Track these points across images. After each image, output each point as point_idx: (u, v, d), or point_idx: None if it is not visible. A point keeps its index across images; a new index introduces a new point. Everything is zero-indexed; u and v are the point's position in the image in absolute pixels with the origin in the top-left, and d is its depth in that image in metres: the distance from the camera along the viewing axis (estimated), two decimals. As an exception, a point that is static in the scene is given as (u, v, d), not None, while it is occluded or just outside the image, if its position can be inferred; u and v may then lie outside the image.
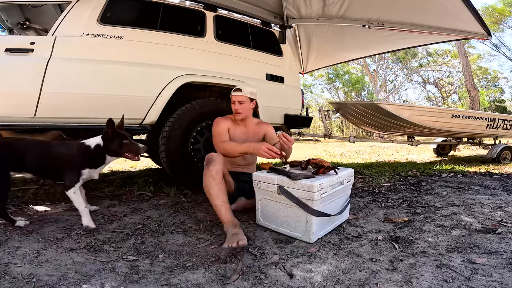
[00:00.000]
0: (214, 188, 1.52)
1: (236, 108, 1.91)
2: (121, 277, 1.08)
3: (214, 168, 1.54)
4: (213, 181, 1.52)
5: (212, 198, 1.53)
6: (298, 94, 3.07)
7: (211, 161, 1.58)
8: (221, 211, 1.50)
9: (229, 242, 1.35)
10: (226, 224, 1.47)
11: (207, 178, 1.54)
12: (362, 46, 4.40)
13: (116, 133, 1.63)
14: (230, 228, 1.44)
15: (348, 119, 4.85)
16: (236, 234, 1.39)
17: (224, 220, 1.49)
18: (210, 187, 1.52)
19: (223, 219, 1.50)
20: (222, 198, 1.52)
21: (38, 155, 1.58)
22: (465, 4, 2.66)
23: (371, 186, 2.66)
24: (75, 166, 1.59)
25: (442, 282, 1.04)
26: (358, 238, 1.46)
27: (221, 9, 2.76)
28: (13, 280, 1.04)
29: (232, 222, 1.47)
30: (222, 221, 1.51)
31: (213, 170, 1.54)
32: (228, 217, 1.49)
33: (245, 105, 1.92)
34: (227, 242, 1.36)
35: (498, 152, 4.54)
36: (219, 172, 1.55)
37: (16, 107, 1.89)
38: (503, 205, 1.99)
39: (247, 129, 1.99)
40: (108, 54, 2.12)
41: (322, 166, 1.53)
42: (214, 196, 1.52)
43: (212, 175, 1.53)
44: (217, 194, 1.52)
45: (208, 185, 1.53)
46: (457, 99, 23.32)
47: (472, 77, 11.77)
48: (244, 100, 1.92)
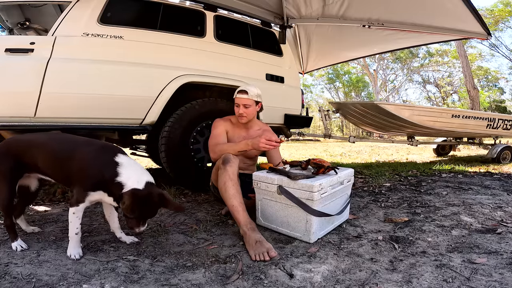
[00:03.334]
0: (232, 189, 1.48)
1: (240, 112, 1.81)
2: (121, 277, 1.08)
3: (231, 169, 1.52)
4: (231, 181, 1.49)
5: (229, 198, 1.48)
6: (298, 94, 3.07)
7: (228, 161, 1.54)
8: (239, 212, 1.44)
9: (257, 253, 1.24)
10: (244, 226, 1.40)
11: (224, 178, 1.51)
12: (362, 46, 4.40)
13: None
14: (250, 231, 1.36)
15: (348, 119, 4.86)
16: (260, 243, 1.28)
17: (242, 221, 1.42)
18: (228, 187, 1.49)
19: (240, 220, 1.43)
20: (239, 199, 1.48)
21: None
22: (465, 4, 2.66)
23: (371, 186, 2.66)
24: None
25: (442, 282, 1.04)
26: (358, 238, 1.46)
27: (221, 9, 2.76)
28: (13, 280, 1.04)
29: (250, 224, 1.41)
30: (238, 222, 1.44)
31: (230, 170, 1.51)
32: (246, 218, 1.43)
33: (250, 109, 1.82)
34: (254, 252, 1.25)
35: (498, 152, 4.53)
36: (235, 173, 1.53)
37: (16, 107, 1.89)
38: (503, 205, 1.99)
39: (248, 134, 1.91)
40: (108, 54, 2.12)
41: (322, 166, 1.53)
42: (231, 196, 1.48)
43: (229, 175, 1.50)
44: (234, 194, 1.48)
45: (225, 185, 1.49)
46: (457, 99, 23.34)
47: (472, 77, 11.77)
48: (250, 103, 1.81)
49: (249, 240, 1.32)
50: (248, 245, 1.31)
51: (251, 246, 1.29)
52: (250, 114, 1.84)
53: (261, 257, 1.22)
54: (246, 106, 1.81)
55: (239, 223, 1.44)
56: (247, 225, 1.40)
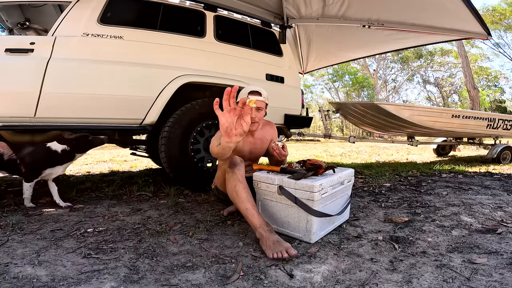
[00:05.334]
0: (243, 192, 1.44)
1: (253, 116, 1.65)
2: (121, 277, 1.08)
3: (239, 172, 1.49)
4: (241, 184, 1.46)
5: (242, 201, 1.43)
6: (298, 94, 3.07)
7: (236, 165, 1.50)
8: (254, 215, 1.39)
9: (275, 251, 1.20)
10: (260, 228, 1.34)
11: (233, 182, 1.47)
12: (362, 46, 4.40)
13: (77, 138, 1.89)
14: (267, 233, 1.30)
15: (348, 119, 4.86)
16: (279, 242, 1.25)
17: (257, 224, 1.35)
18: (239, 190, 1.45)
19: (256, 222, 1.36)
20: (252, 201, 1.44)
21: None
22: (465, 4, 2.66)
23: (371, 186, 2.65)
24: None
25: (442, 282, 1.04)
26: (358, 238, 1.46)
27: (221, 9, 2.76)
28: (13, 280, 1.04)
29: (267, 226, 1.35)
30: (254, 224, 1.37)
31: (238, 173, 1.48)
32: (262, 221, 1.38)
33: (262, 113, 1.68)
34: (272, 251, 1.21)
35: (498, 152, 4.54)
36: (244, 175, 1.50)
37: (16, 107, 1.89)
38: (503, 205, 1.99)
39: (254, 138, 1.82)
40: (108, 54, 2.12)
41: (320, 166, 1.53)
42: (244, 199, 1.43)
43: (238, 179, 1.47)
44: (246, 197, 1.44)
45: (236, 188, 1.45)
46: (457, 99, 23.36)
47: (472, 77, 11.76)
48: (263, 106, 1.68)
49: (267, 242, 1.27)
50: (266, 247, 1.26)
51: (268, 247, 1.24)
52: (261, 119, 1.72)
53: (279, 255, 1.18)
54: (259, 109, 1.68)
55: (254, 227, 1.38)
56: (264, 227, 1.34)
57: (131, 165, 4.26)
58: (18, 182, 2.68)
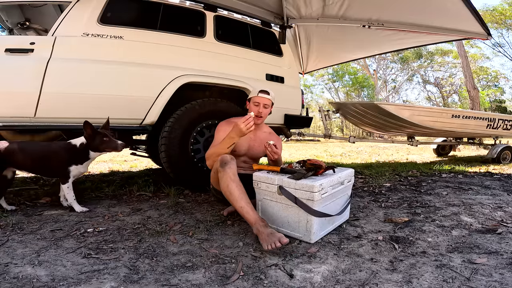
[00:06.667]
0: (236, 190, 1.47)
1: (260, 111, 1.84)
2: (121, 277, 1.08)
3: (230, 170, 1.51)
4: (233, 183, 1.48)
5: (235, 199, 1.46)
6: (298, 94, 3.07)
7: (226, 163, 1.53)
8: (249, 212, 1.42)
9: (269, 243, 1.26)
10: (256, 224, 1.38)
11: (226, 181, 1.49)
12: (362, 46, 4.40)
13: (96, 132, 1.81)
14: (262, 228, 1.34)
15: (348, 119, 4.86)
16: (272, 234, 1.29)
17: (253, 220, 1.40)
18: (232, 189, 1.47)
19: (251, 219, 1.41)
20: (246, 199, 1.47)
21: None
22: (465, 4, 2.66)
23: (371, 186, 2.65)
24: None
25: (442, 282, 1.04)
26: (358, 238, 1.46)
27: (221, 9, 2.76)
28: (13, 280, 1.04)
29: (261, 221, 1.39)
30: (250, 221, 1.42)
31: (230, 172, 1.50)
32: (257, 216, 1.42)
33: (268, 110, 1.86)
34: (266, 243, 1.26)
35: (498, 152, 4.54)
36: (235, 173, 1.52)
37: (16, 107, 1.89)
38: (503, 205, 1.99)
39: (255, 137, 1.90)
40: (108, 54, 2.12)
41: (320, 166, 1.53)
42: (237, 197, 1.46)
43: (230, 177, 1.49)
44: (240, 195, 1.46)
45: (229, 187, 1.48)
46: (457, 99, 23.36)
47: (472, 77, 11.75)
48: (269, 104, 1.86)
49: (262, 235, 1.31)
50: (262, 240, 1.31)
51: (264, 240, 1.29)
52: (266, 115, 1.88)
53: (273, 246, 1.24)
54: (266, 106, 1.86)
55: (251, 223, 1.42)
56: (259, 222, 1.38)
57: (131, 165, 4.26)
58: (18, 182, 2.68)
